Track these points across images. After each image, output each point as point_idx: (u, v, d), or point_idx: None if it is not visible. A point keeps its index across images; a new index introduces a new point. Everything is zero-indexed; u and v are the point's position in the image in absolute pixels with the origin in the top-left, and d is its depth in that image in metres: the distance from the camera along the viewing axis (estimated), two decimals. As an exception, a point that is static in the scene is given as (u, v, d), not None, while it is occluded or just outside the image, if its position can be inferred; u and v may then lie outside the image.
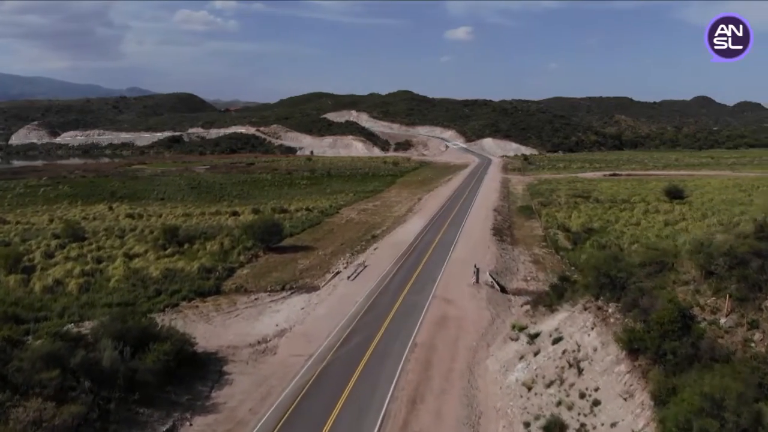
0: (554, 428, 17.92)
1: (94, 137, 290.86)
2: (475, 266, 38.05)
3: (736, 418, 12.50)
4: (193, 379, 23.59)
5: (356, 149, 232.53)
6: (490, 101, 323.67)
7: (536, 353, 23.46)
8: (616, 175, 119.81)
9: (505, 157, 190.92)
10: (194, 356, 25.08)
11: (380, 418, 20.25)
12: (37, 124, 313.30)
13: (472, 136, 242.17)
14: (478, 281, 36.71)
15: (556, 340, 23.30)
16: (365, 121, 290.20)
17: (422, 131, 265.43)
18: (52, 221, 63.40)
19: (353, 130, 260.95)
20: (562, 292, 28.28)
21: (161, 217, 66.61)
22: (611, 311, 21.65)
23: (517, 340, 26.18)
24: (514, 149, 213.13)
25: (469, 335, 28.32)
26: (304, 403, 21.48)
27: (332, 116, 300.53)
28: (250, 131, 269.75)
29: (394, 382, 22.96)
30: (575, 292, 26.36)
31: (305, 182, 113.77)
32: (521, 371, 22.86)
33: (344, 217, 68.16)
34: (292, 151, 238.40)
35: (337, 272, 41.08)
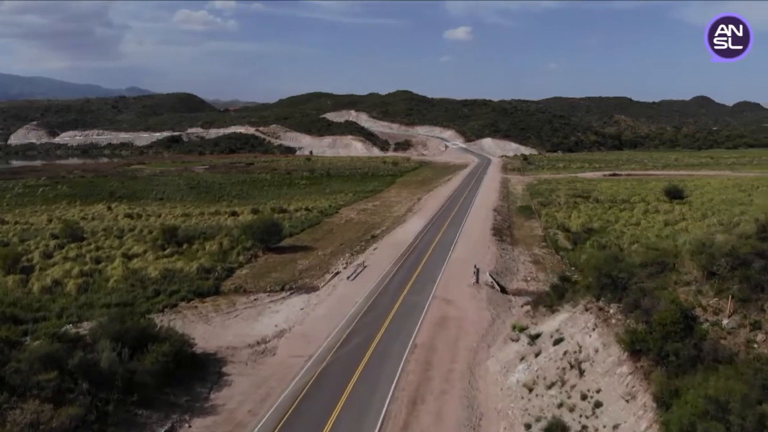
0: (556, 430, 17.78)
1: (93, 137, 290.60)
2: (475, 266, 37.93)
3: (741, 421, 12.35)
4: (192, 380, 23.43)
5: (356, 149, 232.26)
6: (489, 101, 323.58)
7: (537, 354, 23.33)
8: (615, 175, 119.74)
9: (504, 157, 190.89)
10: (193, 357, 24.93)
11: (380, 419, 20.13)
12: (36, 124, 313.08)
13: (471, 136, 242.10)
14: (478, 281, 36.58)
15: (557, 341, 23.15)
16: (365, 121, 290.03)
17: (422, 131, 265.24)
18: (50, 221, 63.24)
19: (353, 130, 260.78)
20: (562, 292, 28.15)
21: (160, 217, 66.44)
22: (613, 312, 21.53)
23: (517, 340, 26.04)
24: (513, 149, 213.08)
25: (469, 336, 28.20)
26: (303, 404, 21.35)
27: (331, 116, 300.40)
28: (249, 131, 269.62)
29: (394, 383, 22.84)
30: (576, 292, 26.24)
31: (304, 182, 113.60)
32: (522, 372, 22.73)
33: (344, 217, 68.03)
34: (291, 151, 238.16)
35: (336, 272, 40.95)
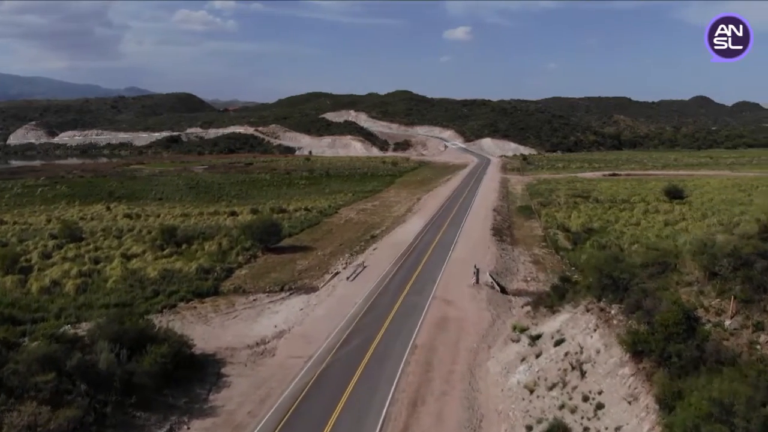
0: (557, 432, 17.67)
1: (92, 137, 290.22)
2: (475, 267, 37.81)
3: (745, 423, 12.21)
4: (190, 381, 23.28)
5: (355, 149, 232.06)
6: (488, 101, 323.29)
7: (538, 355, 23.19)
8: (615, 175, 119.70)
9: (503, 156, 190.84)
10: (192, 358, 24.79)
11: (380, 420, 20.01)
12: (35, 124, 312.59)
13: (471, 136, 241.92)
14: (478, 282, 36.46)
15: (558, 341, 23.01)
16: (364, 121, 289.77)
17: (421, 131, 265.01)
18: (49, 221, 63.09)
19: (352, 130, 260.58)
20: (563, 292, 28.04)
21: (159, 217, 66.28)
22: (614, 313, 21.41)
23: (518, 341, 25.90)
24: (512, 149, 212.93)
25: (469, 336, 28.07)
26: (303, 405, 21.22)
27: (331, 116, 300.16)
28: (248, 131, 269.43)
29: (394, 384, 22.71)
30: (577, 293, 26.13)
31: (304, 182, 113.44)
32: (523, 373, 22.59)
33: (343, 217, 67.89)
34: (290, 151, 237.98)
35: (336, 273, 40.81)
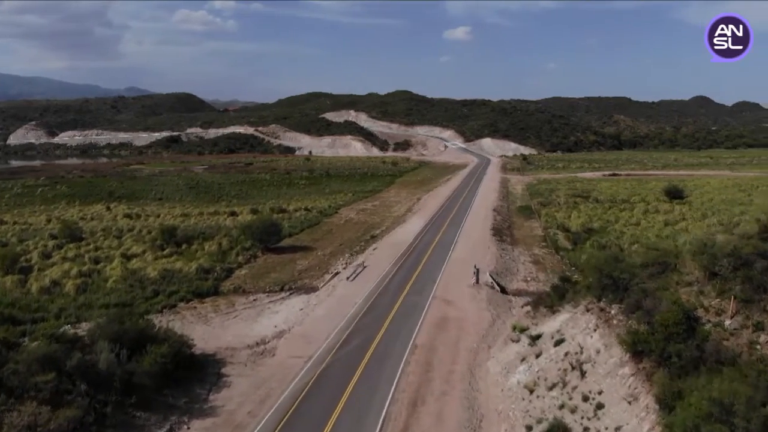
0: (557, 432, 17.67)
1: (92, 137, 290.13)
2: (475, 267, 37.81)
3: (745, 423, 12.21)
4: (190, 381, 23.28)
5: (355, 149, 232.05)
6: (488, 101, 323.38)
7: (538, 355, 23.20)
8: (615, 175, 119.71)
9: (503, 156, 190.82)
10: (192, 358, 24.78)
11: (381, 420, 20.01)
12: (35, 124, 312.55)
13: (470, 136, 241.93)
14: (478, 282, 36.46)
15: (558, 341, 23.02)
16: (364, 121, 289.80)
17: (421, 131, 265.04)
18: (49, 221, 63.09)
19: (352, 130, 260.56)
20: (563, 292, 28.04)
21: (159, 217, 66.28)
22: (614, 313, 21.42)
23: (518, 341, 25.90)
24: (512, 149, 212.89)
25: (469, 336, 28.08)
26: (303, 405, 21.22)
27: (331, 116, 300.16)
28: (248, 131, 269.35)
29: (394, 384, 22.72)
30: (577, 293, 26.14)
31: (304, 182, 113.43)
32: (523, 373, 22.60)
33: (343, 217, 67.89)
34: (290, 151, 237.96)
35: (336, 273, 40.82)
